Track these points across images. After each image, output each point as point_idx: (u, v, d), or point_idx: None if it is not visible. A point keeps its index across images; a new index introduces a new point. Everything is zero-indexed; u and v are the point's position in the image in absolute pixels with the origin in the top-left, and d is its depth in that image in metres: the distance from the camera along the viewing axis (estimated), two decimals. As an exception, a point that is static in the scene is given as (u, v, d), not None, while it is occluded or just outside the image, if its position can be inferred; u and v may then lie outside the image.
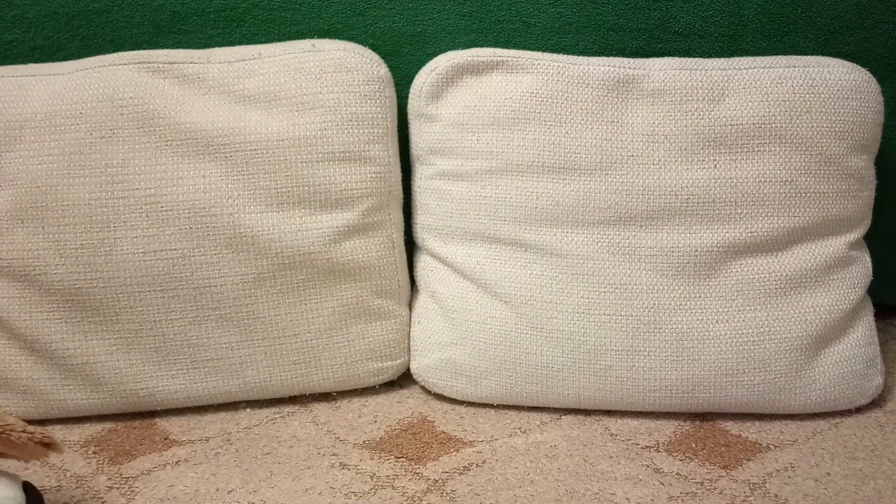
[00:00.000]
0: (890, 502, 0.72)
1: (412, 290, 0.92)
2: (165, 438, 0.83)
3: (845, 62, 0.84)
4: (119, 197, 0.81)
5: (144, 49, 0.85)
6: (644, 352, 0.82)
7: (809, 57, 0.85)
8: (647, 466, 0.77)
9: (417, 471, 0.76)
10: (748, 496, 0.72)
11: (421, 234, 0.90)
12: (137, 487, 0.74)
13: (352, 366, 0.87)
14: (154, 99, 0.81)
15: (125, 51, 0.84)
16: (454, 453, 0.79)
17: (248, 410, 0.87)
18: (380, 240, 0.87)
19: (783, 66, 0.83)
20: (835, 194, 0.83)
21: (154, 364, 0.84)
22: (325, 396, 0.89)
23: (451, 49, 0.87)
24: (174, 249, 0.81)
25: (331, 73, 0.83)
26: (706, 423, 0.84)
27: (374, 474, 0.76)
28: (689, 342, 0.82)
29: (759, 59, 0.84)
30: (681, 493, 0.73)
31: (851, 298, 0.85)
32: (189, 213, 0.81)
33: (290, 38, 0.89)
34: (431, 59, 0.86)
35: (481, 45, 0.87)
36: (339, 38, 0.87)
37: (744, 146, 0.82)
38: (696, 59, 0.84)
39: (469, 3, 0.89)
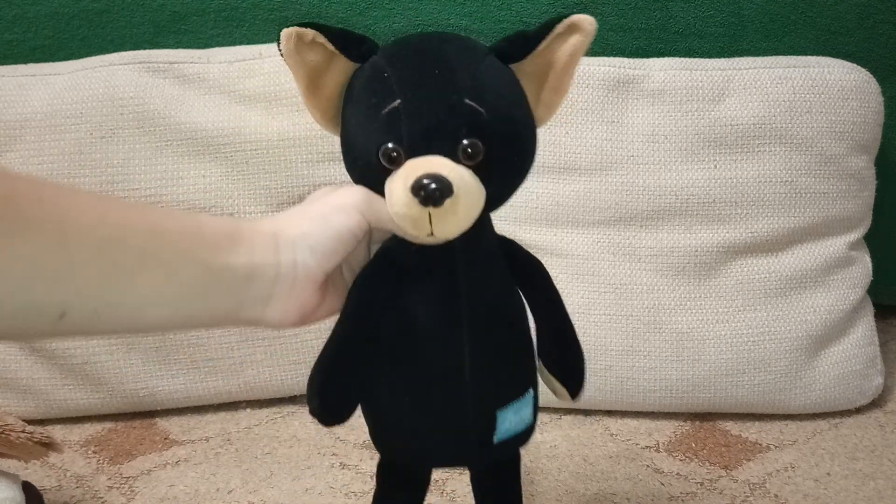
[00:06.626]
0: (890, 502, 0.72)
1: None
2: (165, 438, 0.83)
3: (845, 62, 0.84)
4: (119, 196, 0.81)
5: (144, 49, 0.85)
6: (644, 352, 0.82)
7: (809, 57, 0.85)
8: (647, 466, 0.77)
9: (417, 471, 0.76)
10: (748, 496, 0.72)
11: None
12: (137, 487, 0.74)
13: (352, 366, 0.87)
14: (154, 99, 0.81)
15: (125, 51, 0.84)
16: (454, 453, 0.79)
17: (248, 410, 0.87)
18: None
19: (783, 67, 0.83)
20: (835, 194, 0.83)
21: (154, 364, 0.84)
22: (325, 396, 0.89)
23: (451, 49, 0.87)
24: (174, 249, 0.81)
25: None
26: (706, 423, 0.84)
27: (374, 474, 0.75)
28: (689, 342, 0.82)
29: (759, 60, 0.84)
30: (681, 493, 0.73)
31: (851, 298, 0.85)
32: (189, 213, 0.81)
33: (290, 38, 0.89)
34: (431, 59, 0.86)
35: (481, 45, 0.87)
36: (339, 38, 0.87)
37: (744, 146, 0.82)
38: (696, 59, 0.84)
39: (469, 3, 0.89)
